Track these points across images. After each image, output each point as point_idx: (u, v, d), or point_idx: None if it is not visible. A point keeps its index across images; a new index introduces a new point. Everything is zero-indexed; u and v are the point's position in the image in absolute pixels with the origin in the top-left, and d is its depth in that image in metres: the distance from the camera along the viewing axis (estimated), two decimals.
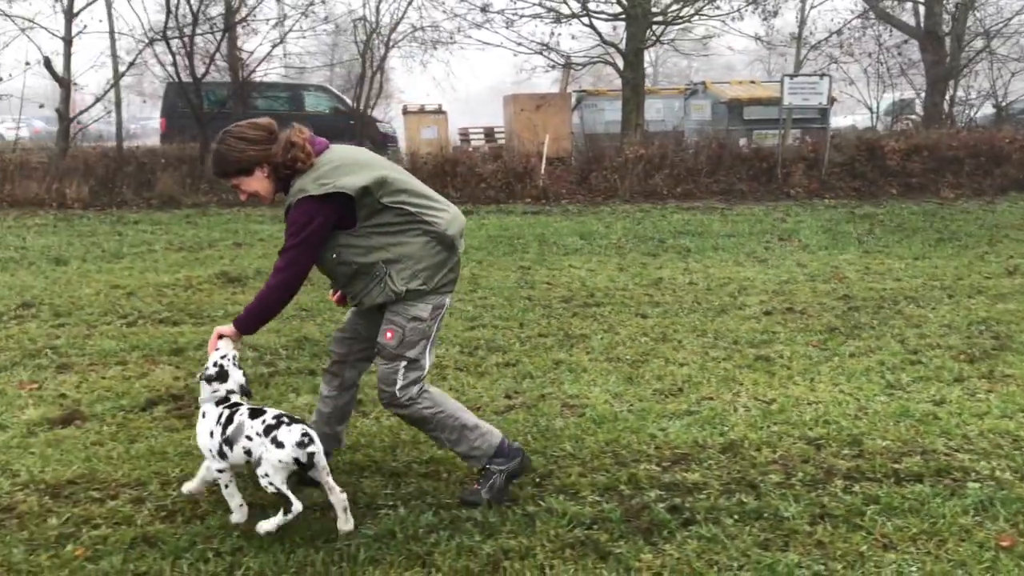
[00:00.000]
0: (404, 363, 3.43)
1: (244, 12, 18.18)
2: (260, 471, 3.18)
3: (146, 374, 5.24)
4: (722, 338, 6.08)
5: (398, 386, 3.44)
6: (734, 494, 3.60)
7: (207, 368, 3.35)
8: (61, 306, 6.89)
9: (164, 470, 3.82)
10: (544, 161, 15.27)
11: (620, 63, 18.13)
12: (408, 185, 3.45)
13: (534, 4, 18.17)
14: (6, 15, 14.34)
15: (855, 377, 5.18)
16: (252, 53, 18.57)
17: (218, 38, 17.32)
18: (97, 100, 15.14)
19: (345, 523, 3.25)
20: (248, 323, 3.41)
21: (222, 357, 3.36)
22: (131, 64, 15.51)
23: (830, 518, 3.38)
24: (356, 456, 3.98)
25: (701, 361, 5.52)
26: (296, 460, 3.12)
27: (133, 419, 4.47)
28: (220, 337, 3.40)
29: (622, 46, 17.92)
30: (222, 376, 3.35)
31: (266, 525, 3.19)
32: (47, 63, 14.31)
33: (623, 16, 17.75)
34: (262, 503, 3.40)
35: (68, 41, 14.46)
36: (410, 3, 19.88)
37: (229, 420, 3.26)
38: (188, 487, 3.47)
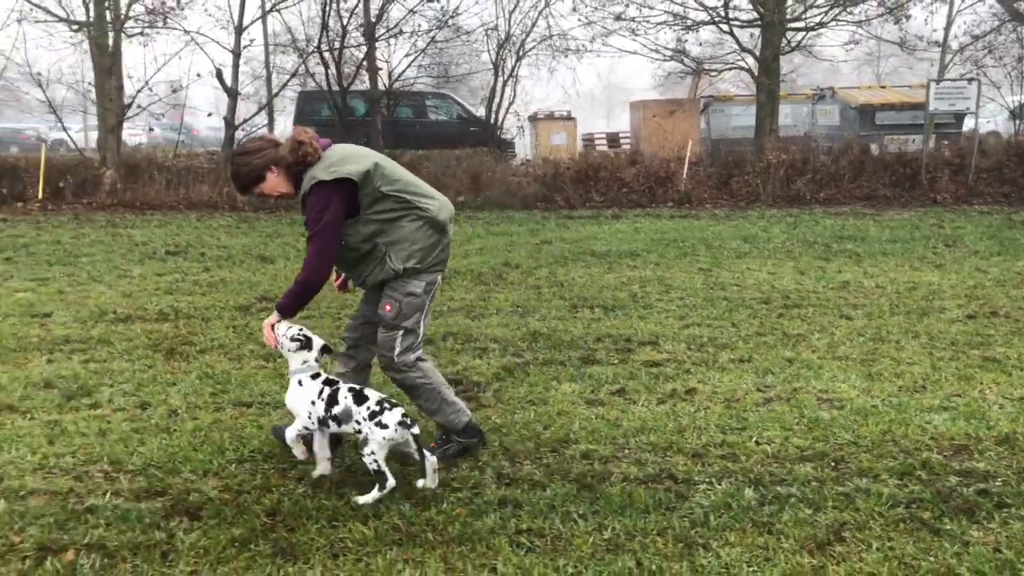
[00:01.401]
0: (401, 332, 3.93)
1: (386, 24, 18.99)
2: (366, 450, 3.63)
3: None
4: (938, 339, 6.23)
5: (396, 352, 3.95)
6: None
7: (290, 344, 3.79)
8: None
9: (479, 447, 4.25)
10: (686, 166, 15.48)
11: (751, 68, 18.21)
12: (401, 175, 3.96)
13: (665, 12, 18.43)
14: (184, 30, 15.37)
15: None
16: (397, 65, 19.27)
17: (363, 50, 18.17)
18: (261, 109, 16.09)
19: (432, 481, 3.74)
20: (290, 307, 3.86)
21: (298, 330, 3.82)
22: (293, 75, 16.43)
23: None
24: (651, 438, 4.34)
25: (930, 360, 5.70)
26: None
27: None
28: (272, 327, 3.86)
29: (757, 52, 17.97)
30: (307, 343, 3.82)
31: (364, 499, 3.61)
32: (219, 74, 15.29)
33: (758, 23, 17.82)
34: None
35: (237, 54, 15.41)
36: (540, 13, 20.41)
37: (333, 399, 3.73)
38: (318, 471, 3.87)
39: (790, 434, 4.39)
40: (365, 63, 18.62)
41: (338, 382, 3.84)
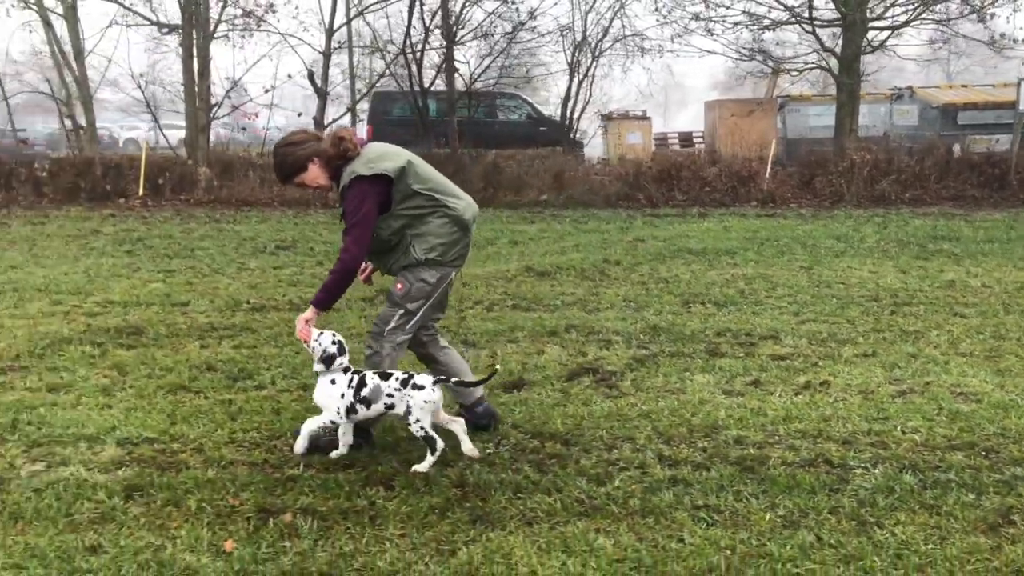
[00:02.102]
0: (402, 311, 4.20)
1: (462, 26, 19.30)
2: (411, 419, 3.89)
3: (542, 351, 5.98)
4: None
5: (389, 326, 4.21)
6: None
7: (327, 348, 3.98)
8: None
9: (634, 431, 4.47)
10: (769, 166, 15.50)
11: (831, 68, 18.14)
12: (432, 175, 4.21)
13: (743, 12, 18.42)
14: (279, 33, 15.90)
15: None
16: (476, 66, 19.59)
17: (441, 52, 18.53)
18: (348, 110, 16.52)
19: (471, 450, 4.06)
20: (327, 301, 4.13)
21: (332, 335, 4.04)
22: (381, 76, 16.85)
23: None
24: (799, 425, 4.51)
25: None
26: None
27: (568, 387, 5.18)
28: (307, 322, 4.07)
29: (838, 51, 17.88)
30: (342, 349, 4.02)
31: (421, 467, 3.89)
32: (310, 76, 15.78)
33: (839, 22, 17.73)
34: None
35: (327, 55, 15.88)
36: (616, 14, 20.55)
37: (361, 384, 3.95)
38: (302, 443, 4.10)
39: (933, 424, 4.51)
40: (444, 64, 18.96)
41: (363, 371, 4.05)
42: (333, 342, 4.03)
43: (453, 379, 4.08)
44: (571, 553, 3.23)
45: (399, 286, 4.21)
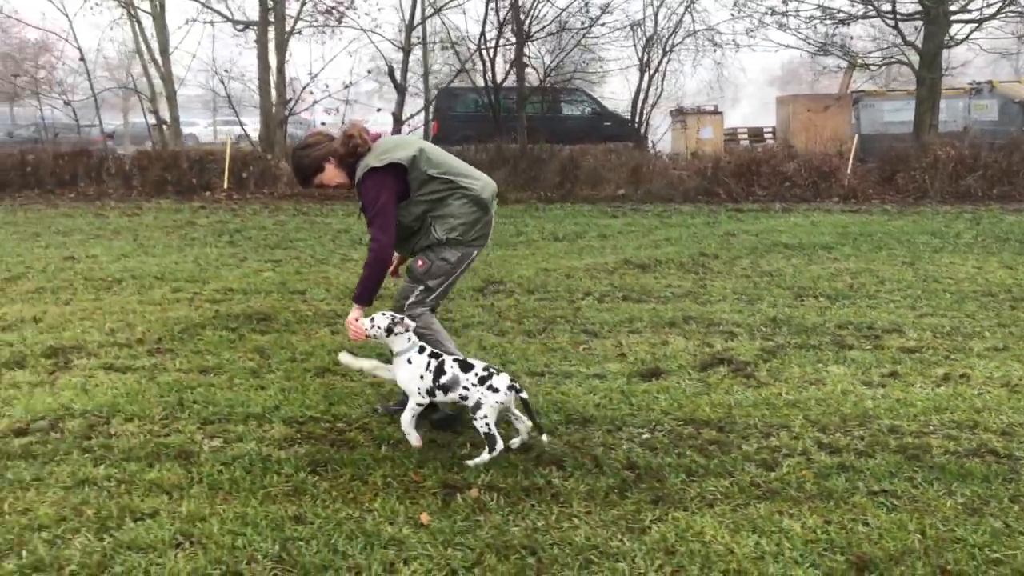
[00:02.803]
0: (422, 287, 4.29)
1: (531, 22, 19.40)
2: (479, 413, 3.88)
3: (667, 342, 6.03)
4: None
5: (408, 301, 4.30)
6: None
7: (381, 324, 4.01)
8: (526, 284, 7.93)
9: (787, 419, 4.51)
10: (851, 161, 15.33)
11: (911, 62, 17.85)
12: (445, 159, 4.30)
13: (819, 7, 18.20)
14: (361, 28, 16.18)
15: None
16: (552, 61, 19.66)
17: (515, 49, 18.63)
18: (426, 106, 16.70)
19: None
20: (366, 295, 4.23)
21: (383, 313, 4.07)
22: (459, 72, 17.02)
23: None
24: (952, 416, 4.50)
25: None
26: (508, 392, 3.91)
27: (705, 376, 5.23)
28: (356, 320, 4.13)
29: (918, 45, 17.58)
30: (396, 321, 4.03)
31: (475, 461, 3.88)
32: (390, 71, 16.00)
33: (919, 15, 17.44)
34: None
35: (407, 51, 16.09)
36: (687, 9, 20.46)
37: (440, 370, 3.98)
38: (350, 361, 4.22)
39: None
40: (515, 60, 19.07)
41: (441, 354, 4.09)
42: (384, 315, 4.08)
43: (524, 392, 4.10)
44: (762, 533, 3.29)
45: (420, 263, 4.30)
